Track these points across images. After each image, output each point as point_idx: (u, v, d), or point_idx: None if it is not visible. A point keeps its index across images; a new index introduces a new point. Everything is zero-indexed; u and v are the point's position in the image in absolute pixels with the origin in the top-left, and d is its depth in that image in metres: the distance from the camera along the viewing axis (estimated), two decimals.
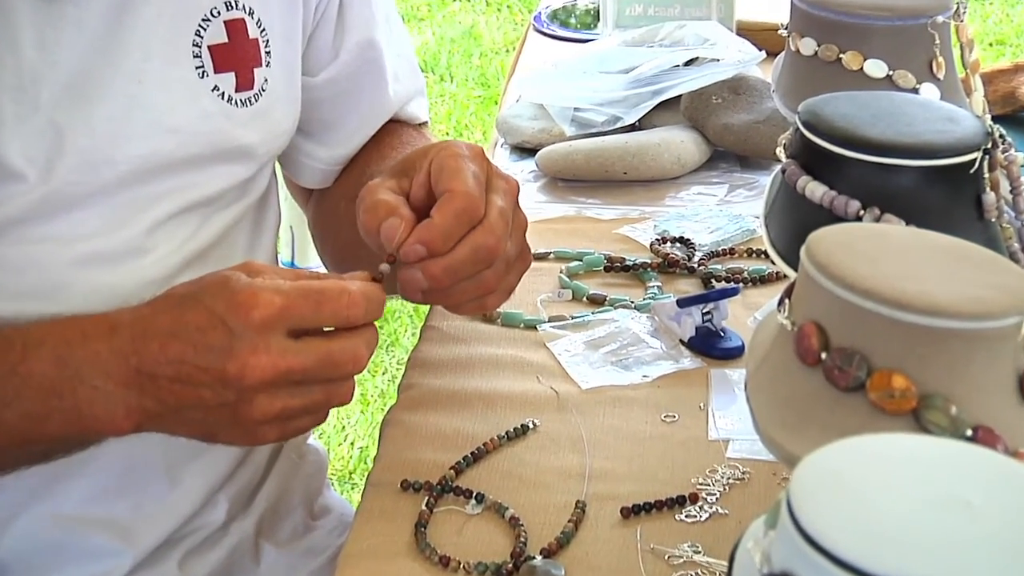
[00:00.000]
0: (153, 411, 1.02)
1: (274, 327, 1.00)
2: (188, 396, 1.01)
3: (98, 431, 1.03)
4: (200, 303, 1.02)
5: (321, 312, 1.01)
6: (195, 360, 1.00)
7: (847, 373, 0.86)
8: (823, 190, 1.07)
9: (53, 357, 1.02)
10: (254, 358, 0.99)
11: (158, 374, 1.01)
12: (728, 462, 1.17)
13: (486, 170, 1.12)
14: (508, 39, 4.88)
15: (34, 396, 1.02)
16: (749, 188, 1.68)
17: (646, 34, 1.95)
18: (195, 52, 1.20)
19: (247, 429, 1.02)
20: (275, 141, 1.30)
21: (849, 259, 0.88)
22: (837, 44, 1.34)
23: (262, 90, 1.25)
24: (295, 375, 1.00)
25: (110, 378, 1.02)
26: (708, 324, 1.34)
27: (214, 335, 1.00)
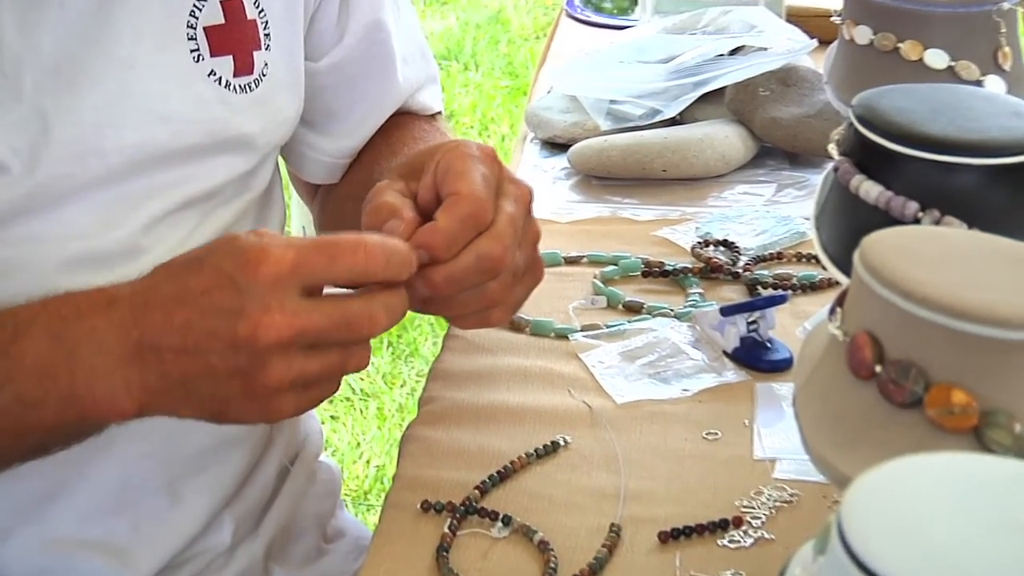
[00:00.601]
0: (156, 388, 1.01)
1: (287, 284, 0.99)
2: (196, 367, 1.00)
3: (98, 415, 1.02)
4: (205, 264, 1.01)
5: (335, 265, 1.01)
6: (202, 325, 0.99)
7: (903, 387, 0.87)
8: (879, 190, 1.07)
9: (47, 335, 1.02)
10: (267, 317, 0.98)
11: (162, 345, 1.00)
12: (775, 483, 1.18)
13: (497, 173, 1.12)
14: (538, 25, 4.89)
15: (27, 378, 1.01)
16: (799, 187, 1.68)
17: (688, 20, 1.95)
18: (190, 34, 1.21)
19: (261, 401, 1.01)
20: (277, 130, 1.30)
21: (906, 265, 0.88)
22: (895, 32, 1.34)
23: (262, 75, 1.26)
24: (310, 335, 1.00)
25: (109, 354, 1.01)
26: (754, 334, 1.34)
27: (222, 296, 0.99)
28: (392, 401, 3.14)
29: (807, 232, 1.55)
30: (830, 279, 1.45)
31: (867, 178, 1.09)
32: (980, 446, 0.85)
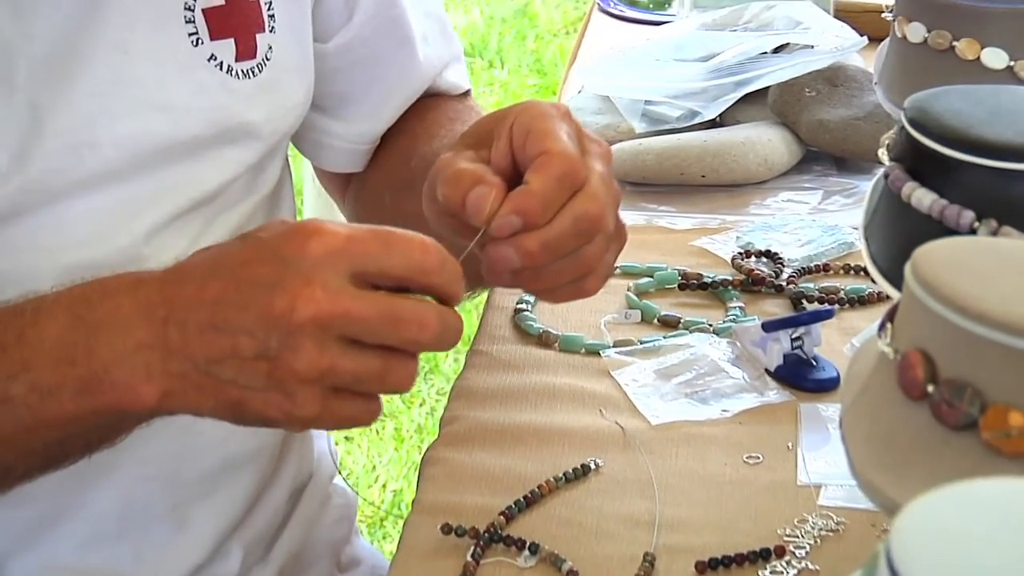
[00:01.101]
0: (179, 373, 0.99)
1: (336, 262, 0.97)
2: (221, 346, 0.98)
3: (118, 403, 1.00)
4: (249, 238, 1.01)
5: (390, 253, 0.99)
6: (235, 298, 0.98)
7: (957, 409, 0.87)
8: (932, 198, 1.07)
9: (69, 316, 1.01)
10: (308, 290, 0.96)
11: (189, 321, 0.98)
12: (820, 511, 1.18)
13: (577, 131, 1.11)
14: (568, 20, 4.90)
15: (44, 363, 1.01)
16: (847, 195, 1.68)
17: (729, 16, 1.95)
18: (187, 16, 1.21)
19: (286, 391, 0.98)
20: (284, 118, 1.30)
21: (961, 278, 0.88)
22: (950, 30, 1.34)
23: (266, 59, 1.26)
24: (352, 324, 0.97)
25: (132, 334, 0.99)
26: (798, 351, 1.34)
27: (263, 268, 0.98)
28: (411, 421, 3.15)
29: (855, 243, 1.55)
30: (880, 293, 1.45)
31: (920, 185, 1.09)
32: None
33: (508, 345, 1.40)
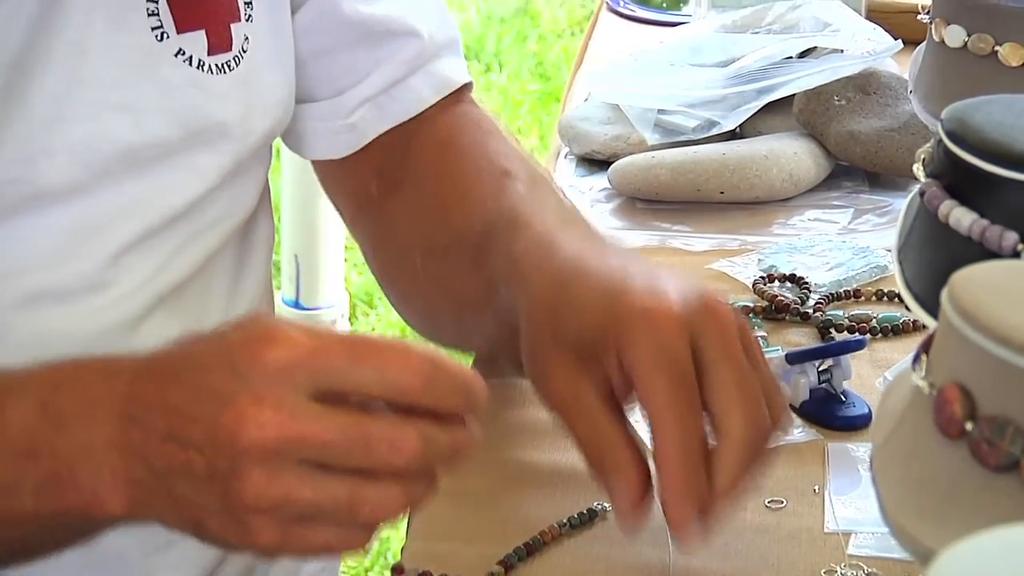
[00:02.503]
0: (140, 480, 0.97)
1: (294, 377, 0.93)
2: (177, 459, 0.96)
3: (81, 506, 0.99)
4: (216, 338, 0.98)
5: (361, 367, 0.94)
6: (191, 409, 0.95)
7: (998, 448, 0.87)
8: (972, 218, 1.08)
9: (36, 403, 1.00)
10: (255, 410, 0.92)
11: (151, 426, 0.97)
12: (850, 560, 1.18)
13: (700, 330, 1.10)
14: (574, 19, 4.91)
15: (5, 455, 1.00)
16: (879, 214, 1.69)
17: (751, 17, 1.96)
18: (151, 9, 1.21)
19: (238, 519, 0.95)
20: (264, 116, 1.30)
21: (1003, 305, 0.89)
22: (992, 34, 1.35)
23: (242, 51, 1.26)
24: (310, 448, 0.93)
25: (99, 430, 0.98)
26: (826, 385, 1.35)
27: (218, 377, 0.95)
28: None
29: (888, 266, 1.55)
30: (915, 322, 1.46)
31: (959, 204, 1.09)
32: None
33: (506, 378, 1.40)
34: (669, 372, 1.08)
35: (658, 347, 1.08)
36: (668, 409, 1.07)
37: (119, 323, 1.21)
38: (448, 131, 1.41)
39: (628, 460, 1.09)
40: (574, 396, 1.11)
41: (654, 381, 1.08)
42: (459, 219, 1.33)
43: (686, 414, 1.07)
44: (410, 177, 1.40)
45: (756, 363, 1.12)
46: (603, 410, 1.11)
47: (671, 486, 1.07)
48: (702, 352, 1.09)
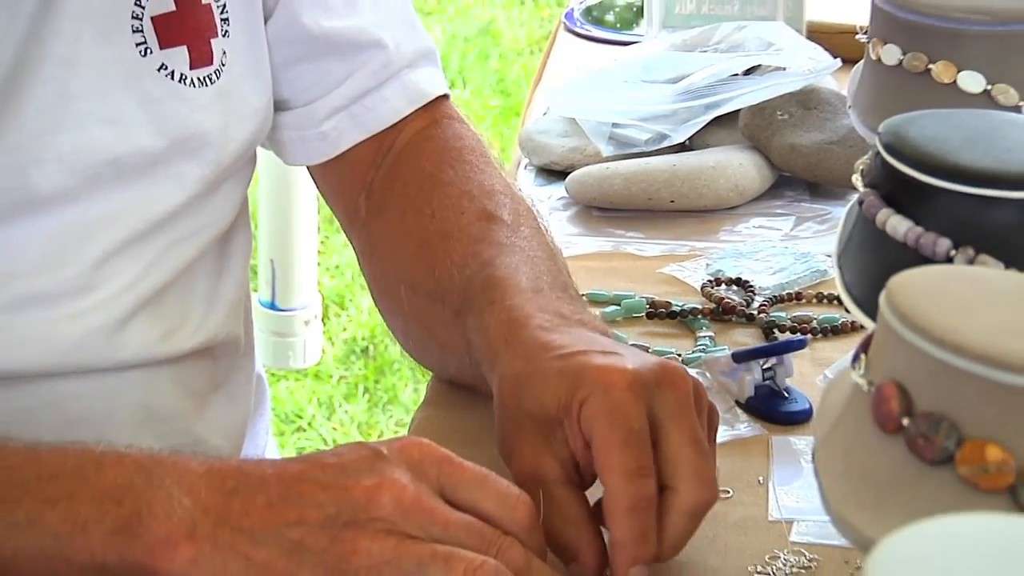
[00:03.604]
0: (225, 542, 0.97)
1: (427, 471, 0.99)
2: (283, 518, 0.97)
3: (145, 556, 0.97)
4: (349, 446, 1.02)
5: (484, 485, 1.01)
6: (318, 476, 0.98)
7: (933, 443, 0.87)
8: (908, 226, 1.08)
9: (134, 466, 1.00)
10: (398, 482, 0.97)
11: (257, 494, 0.98)
12: (792, 546, 1.18)
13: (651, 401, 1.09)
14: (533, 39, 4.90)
15: (89, 497, 0.99)
16: (820, 221, 1.69)
17: (699, 37, 1.96)
18: (135, 26, 1.20)
19: (334, 569, 0.96)
20: (243, 125, 1.29)
21: (937, 308, 0.89)
22: (926, 52, 1.34)
23: (222, 64, 1.25)
24: (434, 525, 0.97)
25: (192, 495, 0.98)
26: (769, 383, 1.34)
27: (358, 458, 0.99)
28: None
29: (829, 271, 1.55)
30: (854, 323, 1.46)
31: (895, 212, 1.09)
32: (1016, 507, 0.85)
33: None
34: (623, 434, 1.06)
35: (613, 409, 1.07)
36: (619, 470, 1.06)
37: (103, 326, 1.21)
38: (434, 162, 1.39)
39: (584, 543, 1.08)
40: (537, 475, 1.10)
41: (608, 443, 1.07)
42: (441, 268, 1.31)
43: (635, 476, 1.06)
44: (396, 204, 1.38)
45: (711, 427, 1.13)
46: (563, 487, 1.10)
47: (619, 550, 1.07)
48: (657, 415, 1.08)
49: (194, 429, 1.29)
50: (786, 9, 2.05)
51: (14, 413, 1.17)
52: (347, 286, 3.69)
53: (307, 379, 3.41)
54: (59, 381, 1.20)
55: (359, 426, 3.29)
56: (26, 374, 1.19)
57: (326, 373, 3.44)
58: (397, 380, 3.40)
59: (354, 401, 3.36)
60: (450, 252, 1.31)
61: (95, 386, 1.22)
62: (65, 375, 1.20)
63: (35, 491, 1.00)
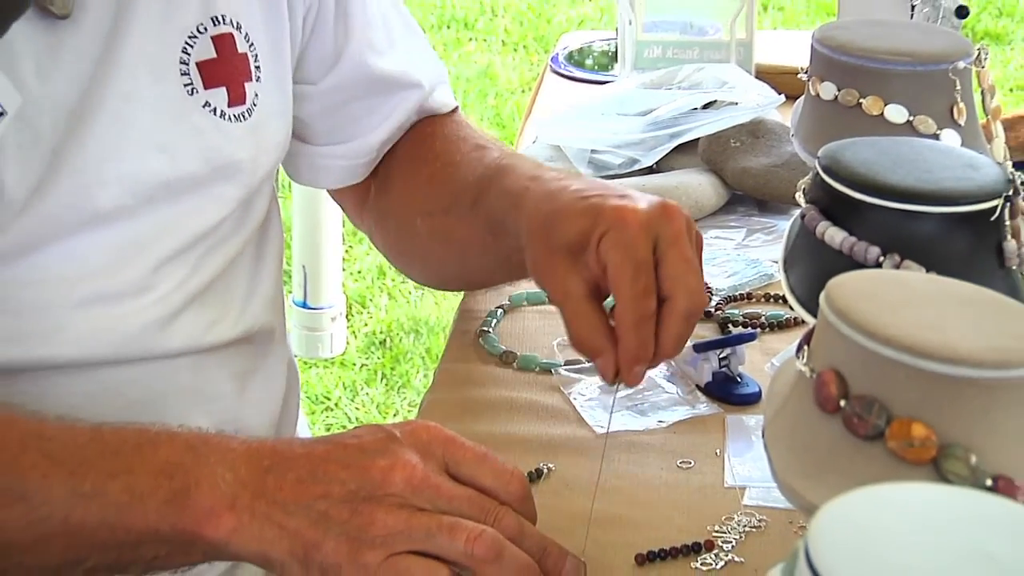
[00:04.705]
0: (262, 512, 0.97)
1: (435, 453, 1.00)
2: (313, 492, 0.98)
3: (195, 524, 0.98)
4: (364, 427, 1.03)
5: (483, 463, 1.01)
6: (341, 456, 0.99)
7: (866, 421, 0.86)
8: (843, 236, 1.07)
9: (185, 446, 1.00)
10: (409, 461, 0.98)
11: (288, 471, 0.98)
12: (744, 509, 1.17)
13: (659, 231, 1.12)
14: (524, 80, 4.90)
15: (147, 472, 0.99)
16: (767, 233, 1.68)
17: (664, 76, 1.95)
18: (183, 69, 1.20)
19: (354, 539, 0.96)
20: (269, 156, 1.29)
21: (869, 306, 0.88)
22: (857, 89, 1.34)
23: (254, 104, 1.25)
24: (440, 498, 0.98)
25: (233, 471, 0.99)
26: (725, 369, 1.34)
27: (373, 440, 1.00)
28: None
29: (775, 274, 1.54)
30: (797, 318, 1.45)
31: (832, 224, 1.09)
32: (938, 477, 0.84)
33: (472, 364, 1.39)
34: (633, 264, 1.11)
35: (626, 244, 1.11)
36: (629, 293, 1.10)
37: (157, 319, 1.21)
38: (431, 126, 1.42)
39: (605, 343, 1.12)
40: (566, 291, 1.14)
41: (621, 271, 1.11)
42: (452, 183, 1.34)
43: (641, 297, 1.10)
44: (402, 162, 1.41)
45: (699, 249, 1.16)
46: (588, 302, 1.13)
47: (625, 353, 1.11)
48: (659, 242, 1.12)
49: (236, 408, 1.28)
50: (738, 54, 2.04)
51: (81, 397, 1.16)
52: (368, 288, 3.69)
53: (334, 367, 3.40)
54: (120, 368, 1.20)
55: (378, 407, 3.28)
56: (91, 363, 1.18)
57: (350, 362, 3.43)
58: (410, 368, 3.40)
59: (373, 385, 3.35)
60: (458, 168, 1.35)
61: (151, 372, 1.21)
62: (125, 363, 1.20)
63: (99, 466, 1.00)
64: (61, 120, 1.13)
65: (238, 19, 1.23)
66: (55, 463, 0.99)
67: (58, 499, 0.99)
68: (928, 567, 0.67)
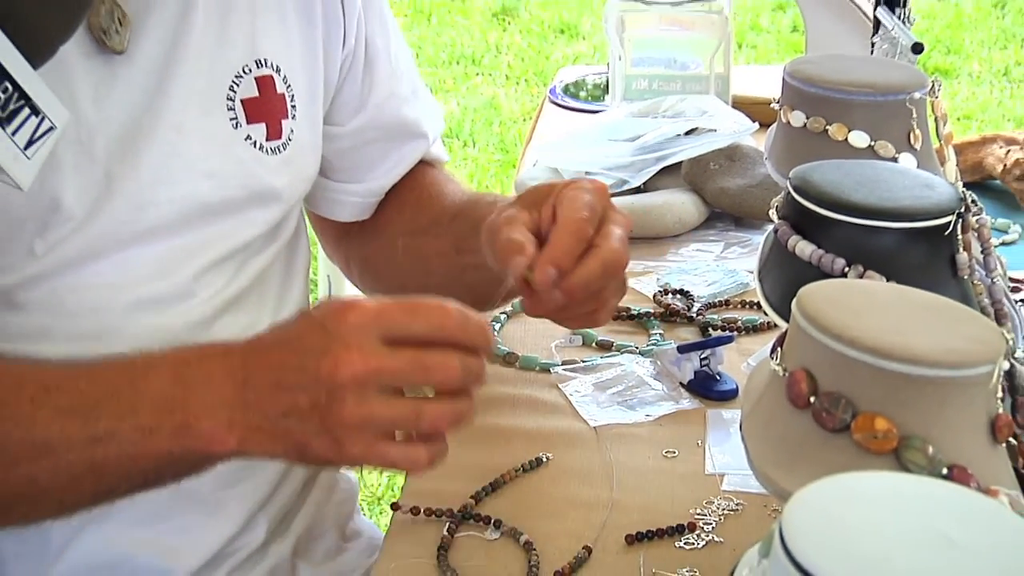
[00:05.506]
0: (256, 425, 0.98)
1: (369, 329, 0.96)
2: (285, 401, 0.97)
3: (205, 448, 0.99)
4: (305, 317, 1.00)
5: (414, 318, 0.97)
6: (293, 362, 0.97)
7: (834, 416, 0.86)
8: (811, 248, 1.07)
9: (171, 375, 1.00)
10: (347, 354, 0.95)
11: (261, 383, 0.98)
12: (723, 494, 1.16)
13: (604, 202, 1.13)
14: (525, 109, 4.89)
15: (149, 409, 0.99)
16: (743, 246, 1.68)
17: (651, 106, 1.95)
18: (229, 105, 1.20)
19: (335, 436, 0.96)
20: (300, 185, 1.30)
21: (836, 312, 0.88)
22: (824, 117, 1.34)
23: (289, 139, 1.25)
24: (385, 375, 0.95)
25: (218, 392, 0.99)
26: (706, 368, 1.33)
27: (312, 338, 0.97)
28: None
29: (751, 283, 1.54)
30: (770, 323, 1.44)
31: (802, 238, 1.08)
32: (900, 466, 0.84)
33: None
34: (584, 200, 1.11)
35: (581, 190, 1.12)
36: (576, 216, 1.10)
37: (199, 322, 1.20)
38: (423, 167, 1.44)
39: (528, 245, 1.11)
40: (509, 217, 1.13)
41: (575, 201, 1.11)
42: (434, 209, 1.35)
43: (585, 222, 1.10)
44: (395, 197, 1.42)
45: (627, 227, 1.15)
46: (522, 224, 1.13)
47: (549, 250, 1.09)
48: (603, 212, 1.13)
49: None
50: (716, 86, 2.04)
51: None
52: None
53: None
54: None
55: None
56: None
57: None
58: None
59: None
60: (442, 198, 1.36)
61: None
62: None
63: (107, 409, 1.00)
64: (114, 145, 1.13)
65: (278, 62, 1.24)
66: (68, 414, 1.00)
67: (79, 445, 0.99)
68: (890, 546, 0.67)
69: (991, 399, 0.86)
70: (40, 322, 1.13)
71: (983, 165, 1.81)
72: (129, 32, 1.13)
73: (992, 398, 0.86)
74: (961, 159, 1.73)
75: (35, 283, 1.12)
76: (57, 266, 1.12)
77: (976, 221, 1.08)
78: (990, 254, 1.11)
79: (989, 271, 1.10)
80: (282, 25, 1.26)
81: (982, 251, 1.11)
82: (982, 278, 1.09)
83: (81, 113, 1.11)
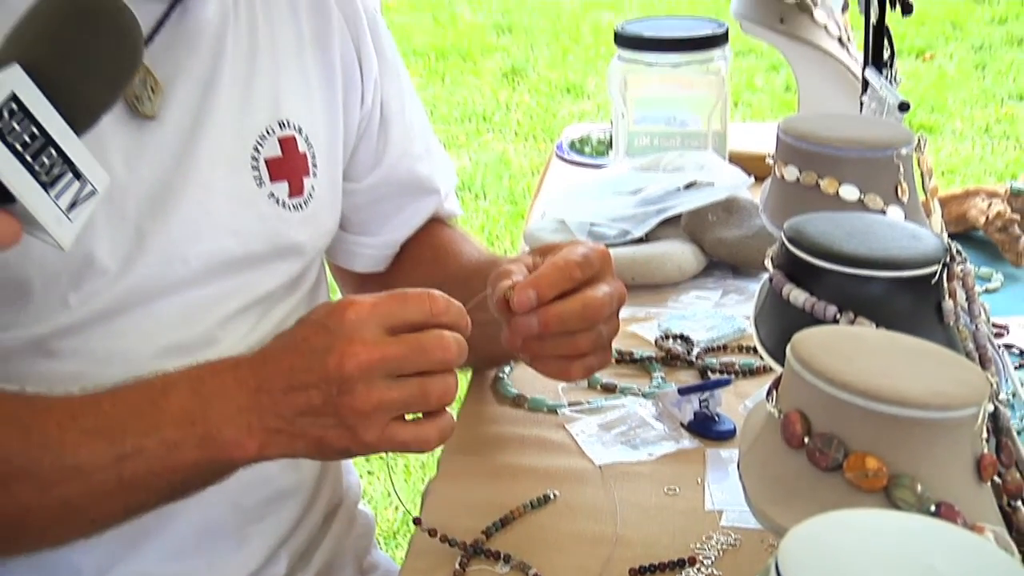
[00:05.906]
0: (274, 427, 1.00)
1: (367, 322, 0.99)
2: (299, 401, 0.99)
3: (228, 455, 1.01)
4: (306, 321, 1.02)
5: (407, 307, 1.00)
6: (302, 364, 0.99)
7: (827, 455, 0.85)
8: (805, 296, 1.06)
9: (189, 390, 1.01)
10: (350, 348, 0.98)
11: (273, 388, 1.00)
12: (722, 530, 1.16)
13: (601, 263, 1.15)
14: (534, 164, 4.91)
15: (171, 425, 1.00)
16: (740, 293, 1.67)
17: (652, 161, 1.95)
18: (253, 164, 1.21)
19: (350, 425, 0.99)
20: (321, 239, 1.30)
21: (828, 357, 0.87)
22: (816, 171, 1.34)
23: (310, 196, 1.26)
24: (389, 362, 0.98)
25: (235, 402, 1.00)
26: (705, 410, 1.32)
27: (316, 338, 0.99)
28: (416, 460, 3.11)
29: (748, 329, 1.53)
30: (766, 366, 1.44)
31: (795, 287, 1.08)
32: (889, 503, 0.84)
33: (490, 405, 1.38)
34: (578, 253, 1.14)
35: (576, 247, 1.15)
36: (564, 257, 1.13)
37: None
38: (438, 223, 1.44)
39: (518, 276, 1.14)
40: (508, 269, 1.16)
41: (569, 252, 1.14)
42: (450, 266, 1.37)
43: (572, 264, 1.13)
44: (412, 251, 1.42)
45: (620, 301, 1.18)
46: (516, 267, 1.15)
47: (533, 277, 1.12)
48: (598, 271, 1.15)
49: None
50: (714, 142, 2.04)
51: None
52: None
53: None
54: None
55: None
56: None
57: None
58: None
59: None
60: (458, 258, 1.38)
61: None
62: None
63: (132, 427, 1.01)
64: (145, 204, 1.14)
65: (300, 123, 1.24)
66: (95, 435, 1.00)
67: (107, 464, 1.00)
68: None
69: (976, 440, 0.86)
70: (73, 368, 1.13)
71: (967, 217, 1.81)
72: (160, 99, 1.14)
73: (977, 439, 0.86)
74: (946, 211, 1.73)
75: (68, 333, 1.12)
76: (90, 317, 1.12)
77: (961, 270, 1.08)
78: (974, 301, 1.11)
79: (973, 317, 1.10)
80: (304, 87, 1.26)
81: (967, 298, 1.11)
82: (967, 324, 1.08)
83: (113, 173, 1.11)
